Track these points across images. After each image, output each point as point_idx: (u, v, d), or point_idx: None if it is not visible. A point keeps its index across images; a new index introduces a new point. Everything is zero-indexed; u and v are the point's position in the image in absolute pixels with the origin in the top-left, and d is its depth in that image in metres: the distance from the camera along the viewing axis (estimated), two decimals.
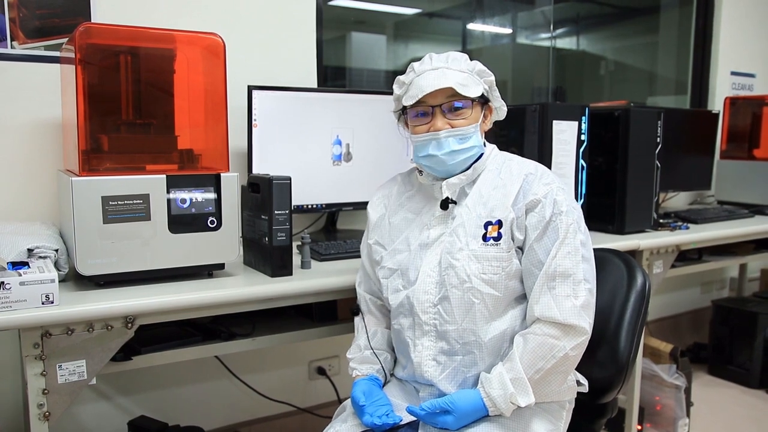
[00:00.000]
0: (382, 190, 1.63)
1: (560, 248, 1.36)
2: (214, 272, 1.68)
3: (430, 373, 1.42)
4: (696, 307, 3.91)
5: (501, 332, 1.39)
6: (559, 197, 1.39)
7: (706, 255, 2.82)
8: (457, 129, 1.41)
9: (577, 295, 1.35)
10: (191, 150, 1.70)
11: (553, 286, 1.35)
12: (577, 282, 1.35)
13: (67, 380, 1.38)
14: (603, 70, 3.97)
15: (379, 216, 1.58)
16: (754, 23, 3.85)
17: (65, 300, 1.39)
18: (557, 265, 1.35)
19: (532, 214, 1.39)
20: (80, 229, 1.46)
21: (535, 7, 3.44)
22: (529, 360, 1.33)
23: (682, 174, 3.12)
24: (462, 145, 1.42)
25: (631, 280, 1.65)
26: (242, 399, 2.40)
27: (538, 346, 1.33)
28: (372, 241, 1.57)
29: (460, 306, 1.39)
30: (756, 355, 3.20)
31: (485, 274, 1.38)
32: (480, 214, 1.42)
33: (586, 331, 1.35)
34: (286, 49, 2.28)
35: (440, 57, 1.45)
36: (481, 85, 1.44)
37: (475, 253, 1.39)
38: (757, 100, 3.38)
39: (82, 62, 1.51)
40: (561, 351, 1.33)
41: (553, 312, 1.34)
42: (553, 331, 1.34)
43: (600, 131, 2.37)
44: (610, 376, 1.56)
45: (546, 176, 1.43)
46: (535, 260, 1.38)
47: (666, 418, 2.66)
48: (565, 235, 1.36)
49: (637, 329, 1.60)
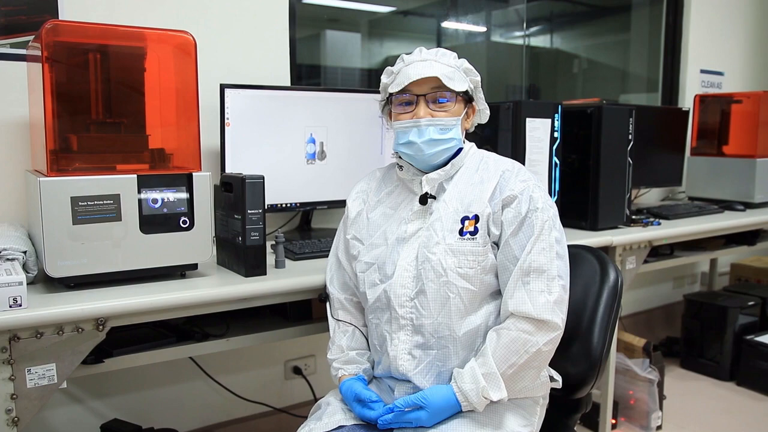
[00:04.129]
0: (361, 185, 1.63)
1: (535, 244, 1.37)
2: (187, 273, 1.66)
3: (405, 367, 1.43)
4: (668, 301, 3.97)
5: (475, 327, 1.41)
6: (535, 194, 1.41)
7: (678, 250, 2.86)
8: (438, 119, 1.44)
9: (550, 291, 1.36)
10: (162, 149, 1.68)
11: (528, 281, 1.36)
12: (551, 278, 1.37)
13: (36, 384, 1.35)
14: (576, 68, 4.01)
15: (357, 211, 1.58)
16: (723, 22, 3.92)
17: (34, 303, 1.36)
18: (532, 260, 1.37)
19: (508, 209, 1.41)
20: (49, 230, 1.43)
21: (508, 5, 3.46)
22: (502, 355, 1.34)
23: (653, 170, 3.17)
24: (442, 135, 1.44)
25: (603, 276, 1.66)
26: (217, 400, 2.38)
27: (512, 341, 1.35)
28: (350, 236, 1.57)
29: (436, 299, 1.40)
30: (726, 348, 3.26)
31: (461, 268, 1.39)
32: (457, 209, 1.44)
33: (558, 326, 1.37)
34: (259, 47, 2.27)
35: (430, 51, 1.49)
36: (467, 82, 1.48)
37: (452, 247, 1.40)
38: (726, 98, 3.44)
39: (50, 60, 1.48)
40: (534, 346, 1.34)
41: (526, 307, 1.35)
42: (526, 326, 1.35)
43: (573, 128, 2.39)
44: (583, 372, 1.57)
45: (522, 173, 1.45)
46: (510, 255, 1.40)
47: (639, 411, 2.70)
48: (540, 232, 1.38)
49: (610, 325, 1.62)
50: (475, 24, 3.41)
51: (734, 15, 3.98)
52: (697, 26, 3.77)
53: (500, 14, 3.49)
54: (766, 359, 3.11)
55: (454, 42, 3.34)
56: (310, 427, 1.43)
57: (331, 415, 1.45)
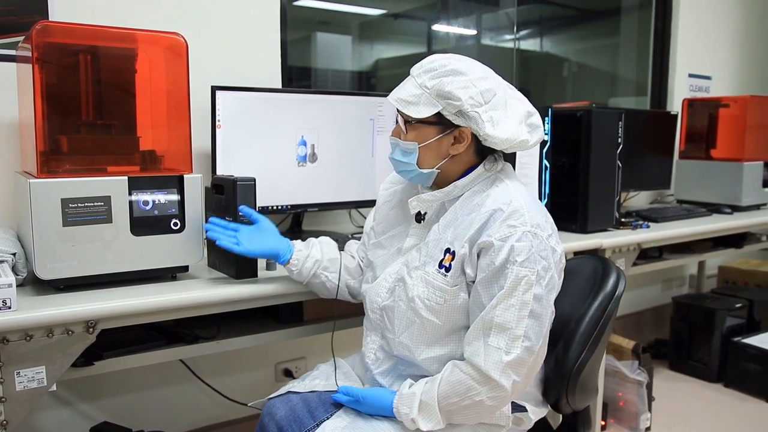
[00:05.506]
0: (395, 178, 1.61)
1: (504, 300, 1.28)
2: (178, 275, 1.66)
3: (370, 364, 1.51)
4: (657, 303, 3.99)
5: (438, 356, 1.40)
6: (520, 244, 1.28)
7: (667, 253, 2.88)
8: (401, 141, 1.42)
9: (508, 351, 1.28)
10: (153, 151, 1.67)
11: (488, 335, 1.29)
12: (514, 338, 1.28)
13: (26, 387, 1.34)
14: (566, 72, 4.03)
15: (384, 201, 1.61)
16: (710, 27, 3.95)
17: (23, 305, 1.35)
18: (496, 315, 1.28)
19: (485, 256, 1.31)
20: (39, 232, 1.42)
21: (499, 8, 3.47)
22: (445, 391, 1.33)
23: (642, 174, 3.19)
24: (403, 158, 1.42)
25: (601, 284, 1.61)
26: (208, 402, 2.37)
27: (458, 382, 1.32)
28: (374, 222, 1.61)
29: (402, 320, 1.42)
30: (714, 350, 3.28)
31: (428, 300, 1.38)
32: (446, 238, 1.39)
33: (505, 389, 1.29)
34: (251, 50, 2.27)
35: (423, 64, 1.38)
36: (436, 107, 1.34)
37: (427, 277, 1.38)
38: (714, 102, 3.47)
39: (40, 61, 1.47)
40: (478, 396, 1.30)
41: (479, 359, 1.29)
42: (475, 375, 1.30)
43: (563, 132, 2.40)
44: (553, 384, 1.56)
45: (515, 217, 1.31)
46: (478, 302, 1.33)
47: (629, 413, 2.71)
48: (514, 288, 1.28)
49: (591, 339, 1.56)
50: (465, 27, 3.42)
51: (722, 20, 4.02)
52: (686, 31, 3.81)
53: (491, 17, 3.51)
54: (753, 361, 3.14)
55: (444, 45, 3.35)
56: (293, 384, 1.60)
57: (312, 378, 1.60)
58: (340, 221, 2.53)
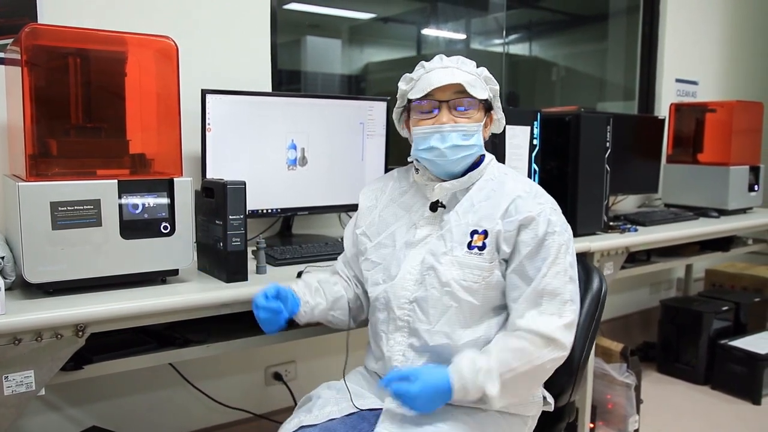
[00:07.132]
0: (377, 183, 1.64)
1: (551, 267, 1.37)
2: (168, 278, 1.65)
3: (400, 367, 1.44)
4: (645, 306, 4.02)
5: (475, 339, 1.41)
6: (553, 217, 1.41)
7: (654, 256, 2.90)
8: (460, 125, 1.43)
9: (561, 315, 1.37)
10: (143, 154, 1.67)
11: (540, 303, 1.37)
12: (563, 302, 1.37)
13: (14, 392, 1.33)
14: (555, 76, 4.05)
15: (368, 206, 1.60)
16: (697, 32, 3.99)
17: (12, 308, 1.35)
18: (546, 283, 1.37)
19: (527, 230, 1.39)
20: (28, 235, 1.42)
21: (488, 13, 3.49)
22: (505, 358, 1.34)
23: (630, 178, 3.21)
24: (464, 141, 1.43)
25: (587, 284, 1.69)
26: (197, 406, 2.36)
27: (518, 348, 1.35)
28: (360, 231, 1.59)
29: (436, 307, 1.41)
30: (701, 352, 3.31)
31: (465, 281, 1.40)
32: (468, 222, 1.44)
33: (566, 347, 1.37)
34: (241, 53, 2.27)
35: (451, 59, 1.48)
36: (487, 90, 1.47)
37: (458, 260, 1.41)
38: (700, 107, 3.50)
39: (29, 64, 1.47)
40: (539, 360, 1.35)
41: (538, 326, 1.35)
42: (537, 340, 1.35)
43: (552, 136, 2.42)
44: (562, 380, 1.59)
45: (540, 195, 1.45)
46: (524, 275, 1.39)
47: (617, 415, 2.73)
48: (557, 255, 1.38)
49: (590, 333, 1.64)
50: (455, 31, 3.44)
51: (708, 26, 4.06)
52: (673, 36, 3.84)
53: (480, 22, 3.52)
54: (739, 363, 3.16)
55: (434, 49, 3.36)
56: (300, 419, 1.44)
57: (321, 407, 1.46)
58: (329, 225, 2.53)
